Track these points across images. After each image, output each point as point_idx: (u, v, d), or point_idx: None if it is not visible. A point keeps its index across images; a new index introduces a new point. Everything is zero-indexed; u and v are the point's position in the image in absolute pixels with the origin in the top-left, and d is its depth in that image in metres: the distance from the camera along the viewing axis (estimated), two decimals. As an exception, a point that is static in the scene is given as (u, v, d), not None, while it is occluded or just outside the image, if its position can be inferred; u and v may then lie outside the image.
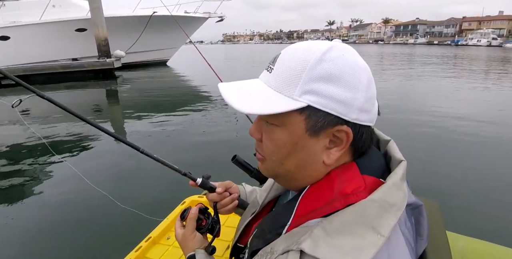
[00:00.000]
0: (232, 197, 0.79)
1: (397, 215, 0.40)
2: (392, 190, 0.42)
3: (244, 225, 0.66)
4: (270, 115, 0.45)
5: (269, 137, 0.49)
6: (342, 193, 0.43)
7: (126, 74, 13.28)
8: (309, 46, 0.45)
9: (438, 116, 5.55)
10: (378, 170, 0.47)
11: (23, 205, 2.83)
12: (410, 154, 3.20)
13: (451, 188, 2.88)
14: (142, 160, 1.14)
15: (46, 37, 12.53)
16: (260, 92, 0.46)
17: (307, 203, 0.46)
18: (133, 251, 1.17)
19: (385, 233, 0.38)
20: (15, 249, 2.17)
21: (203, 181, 0.78)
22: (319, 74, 0.42)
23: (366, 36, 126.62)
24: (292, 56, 0.45)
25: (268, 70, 0.48)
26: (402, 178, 0.45)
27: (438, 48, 44.37)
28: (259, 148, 0.52)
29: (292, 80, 0.44)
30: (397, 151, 0.51)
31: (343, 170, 0.46)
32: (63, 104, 0.90)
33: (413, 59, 20.72)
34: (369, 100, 0.45)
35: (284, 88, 0.44)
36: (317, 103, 0.43)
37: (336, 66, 0.43)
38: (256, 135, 0.51)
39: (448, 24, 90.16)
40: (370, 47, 56.24)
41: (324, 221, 0.41)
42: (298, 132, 0.45)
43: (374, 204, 0.40)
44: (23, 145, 4.45)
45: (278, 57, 0.47)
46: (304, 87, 0.43)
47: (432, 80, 10.06)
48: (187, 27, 15.64)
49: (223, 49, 61.08)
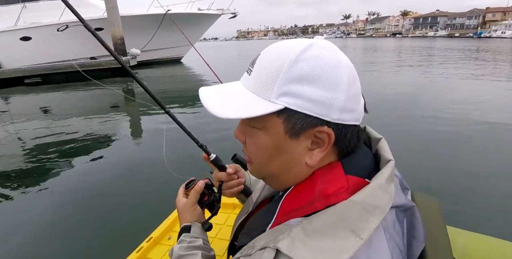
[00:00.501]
0: (239, 181, 0.79)
1: (379, 217, 0.39)
2: (376, 192, 0.41)
3: (239, 223, 0.66)
4: (251, 119, 0.45)
5: (251, 140, 0.49)
6: (323, 194, 0.42)
7: (141, 72, 13.53)
8: (287, 46, 0.44)
9: (445, 111, 5.38)
10: (364, 170, 0.46)
11: (22, 204, 2.84)
12: (412, 148, 3.14)
13: (451, 182, 2.82)
14: (146, 159, 1.16)
15: (65, 37, 12.91)
16: (239, 95, 0.46)
17: (290, 202, 0.46)
18: (134, 252, 1.17)
19: (364, 236, 0.37)
20: (14, 249, 2.17)
21: (216, 157, 0.77)
22: (296, 75, 0.41)
23: (383, 29, 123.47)
24: (269, 57, 0.44)
25: (248, 72, 0.47)
26: (389, 178, 0.43)
27: (459, 41, 42.61)
28: (245, 150, 0.52)
29: (269, 82, 0.43)
30: (387, 150, 0.49)
31: (326, 170, 0.46)
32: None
33: (432, 53, 20.01)
34: (352, 98, 0.44)
35: (261, 91, 0.44)
36: (294, 105, 0.42)
37: (313, 66, 0.41)
38: (241, 138, 0.51)
39: (471, 15, 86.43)
40: (387, 41, 54.76)
41: (304, 221, 0.41)
42: (278, 135, 0.45)
43: (356, 206, 0.39)
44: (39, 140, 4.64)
45: (257, 58, 0.46)
46: (281, 89, 0.42)
47: (451, 76, 9.70)
48: (201, 24, 15.78)
49: (237, 45, 61.00)
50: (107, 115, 6.32)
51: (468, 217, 2.18)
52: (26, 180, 3.37)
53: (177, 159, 3.23)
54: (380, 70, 11.36)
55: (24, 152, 4.27)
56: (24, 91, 9.93)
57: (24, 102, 8.59)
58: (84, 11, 13.25)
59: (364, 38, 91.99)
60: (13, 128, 5.79)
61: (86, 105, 7.91)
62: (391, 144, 0.51)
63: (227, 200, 1.39)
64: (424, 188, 2.38)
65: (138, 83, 0.95)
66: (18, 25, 12.82)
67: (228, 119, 0.44)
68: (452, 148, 3.67)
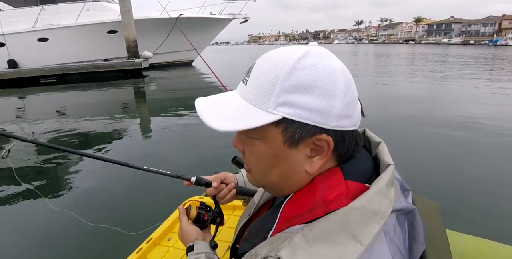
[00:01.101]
0: (228, 188, 0.80)
1: (380, 223, 0.39)
2: (376, 197, 0.41)
3: (241, 226, 0.66)
4: (248, 129, 0.44)
5: (250, 150, 0.49)
6: (324, 200, 0.42)
7: (153, 74, 13.75)
8: (282, 54, 0.44)
9: (446, 115, 5.34)
10: (364, 175, 0.46)
11: (22, 203, 2.86)
12: (413, 152, 3.11)
13: (451, 185, 2.79)
14: (147, 159, 1.17)
15: (81, 38, 13.30)
16: (236, 106, 0.45)
17: (290, 209, 0.46)
18: (134, 253, 1.16)
19: (365, 242, 0.37)
20: (12, 249, 2.18)
21: (197, 179, 0.80)
22: (292, 85, 0.41)
23: (396, 36, 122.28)
24: (265, 67, 0.44)
25: (243, 82, 0.46)
26: (389, 183, 0.43)
27: (474, 49, 41.81)
28: (244, 159, 0.52)
29: (265, 92, 0.42)
30: (387, 154, 0.49)
31: (326, 176, 0.46)
32: (46, 143, 0.95)
33: (446, 60, 19.71)
34: (349, 105, 0.43)
35: (258, 101, 0.43)
36: (292, 115, 0.42)
37: (310, 75, 0.41)
38: (239, 147, 0.51)
39: (486, 22, 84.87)
40: (399, 48, 54.12)
41: (305, 228, 0.41)
42: (277, 144, 0.45)
43: (356, 212, 0.39)
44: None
45: (253, 67, 0.46)
46: (278, 99, 0.42)
47: (465, 84, 9.53)
48: (212, 28, 15.98)
49: (247, 50, 61.24)
50: (116, 115, 6.44)
51: (467, 220, 2.17)
52: (29, 178, 3.42)
53: (182, 162, 3.24)
54: (391, 77, 11.27)
55: (35, 149, 4.39)
56: (40, 90, 10.21)
57: (40, 101, 8.83)
58: (100, 14, 13.67)
59: (376, 44, 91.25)
60: (28, 126, 5.98)
61: (97, 105, 8.08)
62: (394, 147, 0.52)
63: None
64: (424, 190, 2.37)
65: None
66: (36, 27, 13.26)
67: (226, 131, 0.43)
68: (453, 152, 3.64)
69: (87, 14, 13.27)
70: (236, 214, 1.41)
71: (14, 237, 2.35)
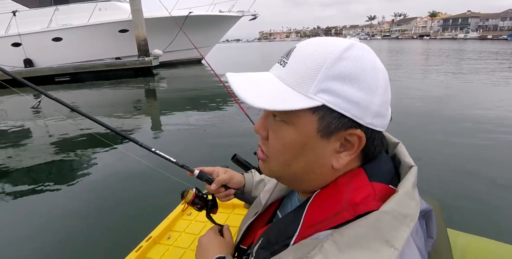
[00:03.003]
0: (226, 193, 0.80)
1: (410, 226, 0.38)
2: (405, 200, 0.40)
3: (246, 226, 0.65)
4: (282, 112, 0.43)
5: (276, 135, 0.45)
6: (351, 203, 0.41)
7: (163, 72, 13.92)
8: (328, 42, 0.43)
9: (450, 113, 5.23)
10: (387, 176, 0.45)
11: (22, 202, 2.90)
12: (414, 151, 3.10)
13: (452, 184, 2.76)
14: (145, 159, 1.18)
15: (93, 38, 13.56)
16: (273, 86, 0.43)
17: (314, 213, 0.44)
18: (133, 251, 1.16)
19: (398, 246, 0.36)
20: (13, 247, 2.19)
21: (200, 173, 0.80)
22: (337, 73, 0.40)
23: (410, 31, 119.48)
24: (309, 51, 0.42)
25: (280, 63, 0.45)
26: (414, 185, 0.42)
27: (492, 44, 40.44)
28: (263, 145, 0.48)
29: (307, 77, 0.41)
30: (407, 155, 0.48)
31: (351, 177, 0.44)
32: (70, 104, 1.01)
33: (462, 56, 19.13)
34: (385, 104, 0.43)
35: (298, 84, 0.42)
36: (332, 103, 0.41)
37: (356, 66, 0.40)
38: (262, 132, 0.48)
39: (505, 16, 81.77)
40: (413, 43, 52.89)
41: (334, 234, 0.39)
42: (309, 132, 0.43)
43: (387, 216, 0.38)
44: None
45: (293, 50, 0.44)
46: (320, 85, 0.40)
47: (483, 81, 9.22)
48: (221, 26, 16.01)
49: (258, 47, 61.04)
50: (128, 113, 6.56)
51: (467, 219, 2.15)
52: (35, 176, 3.48)
53: (190, 159, 3.28)
54: (405, 73, 11.04)
55: (42, 149, 4.47)
56: (55, 89, 10.49)
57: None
58: (112, 14, 13.89)
59: (389, 40, 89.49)
60: (43, 122, 6.16)
61: (109, 103, 8.24)
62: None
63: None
64: (424, 190, 2.33)
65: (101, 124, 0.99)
66: (50, 27, 13.59)
67: (262, 109, 0.41)
68: (455, 151, 3.57)
69: (99, 14, 13.50)
70: (236, 212, 1.41)
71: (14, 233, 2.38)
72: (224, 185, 0.80)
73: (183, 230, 1.32)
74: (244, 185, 0.82)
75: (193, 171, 0.80)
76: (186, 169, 0.82)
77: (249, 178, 0.84)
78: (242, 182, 0.82)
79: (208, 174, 0.80)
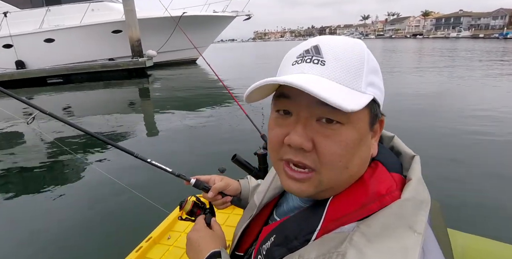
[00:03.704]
0: (223, 201, 0.81)
1: (426, 210, 0.41)
2: (419, 186, 0.43)
3: (241, 230, 0.64)
4: (335, 112, 0.39)
5: (334, 140, 0.41)
6: (378, 194, 0.41)
7: (157, 72, 13.83)
8: (349, 39, 0.44)
9: (449, 111, 5.27)
10: (398, 166, 0.47)
11: (23, 202, 2.89)
12: (413, 150, 3.11)
13: (452, 184, 2.77)
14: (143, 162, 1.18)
15: (86, 39, 13.45)
16: (333, 86, 0.39)
17: (338, 207, 0.43)
18: (133, 251, 1.17)
19: (421, 230, 0.38)
20: (12, 248, 2.19)
21: (196, 182, 0.81)
22: (372, 66, 0.43)
23: (403, 30, 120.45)
24: (344, 48, 0.42)
25: (315, 62, 0.41)
26: (420, 173, 0.46)
27: (484, 42, 40.90)
28: (306, 159, 0.42)
29: (356, 72, 0.41)
30: (405, 146, 0.51)
31: (371, 170, 0.45)
32: (64, 119, 1.02)
33: (455, 55, 19.33)
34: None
35: (350, 81, 0.40)
36: (377, 95, 0.43)
37: (375, 60, 0.45)
38: (307, 144, 0.41)
39: (496, 15, 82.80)
40: (407, 42, 53.32)
41: (361, 226, 0.39)
42: (364, 128, 0.42)
43: (409, 203, 0.40)
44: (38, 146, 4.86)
45: (322, 48, 0.42)
46: (367, 79, 0.42)
47: (475, 79, 9.33)
48: (215, 26, 15.97)
49: (253, 47, 60.93)
50: (121, 115, 6.52)
51: (467, 219, 2.16)
52: (33, 178, 3.47)
53: (185, 160, 3.26)
54: (398, 73, 11.13)
55: (41, 149, 4.46)
56: (47, 90, 10.39)
57: (47, 101, 8.97)
58: (105, 14, 13.78)
59: (383, 39, 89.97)
60: (36, 124, 6.08)
61: (103, 105, 8.17)
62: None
63: None
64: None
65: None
66: (42, 28, 13.44)
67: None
68: (455, 150, 3.59)
69: (92, 14, 13.39)
70: (236, 212, 1.41)
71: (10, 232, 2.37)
72: (221, 192, 0.81)
73: (183, 230, 1.33)
74: (241, 191, 0.83)
75: (190, 180, 0.82)
76: (182, 178, 0.83)
77: (245, 185, 0.85)
78: (239, 189, 0.83)
79: (204, 182, 0.81)
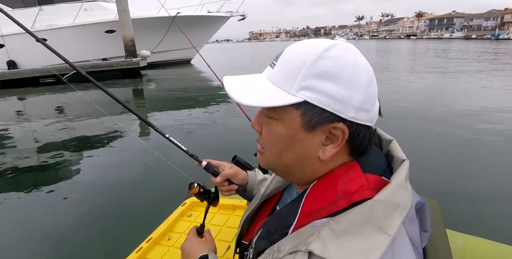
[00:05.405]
0: (229, 188, 0.84)
1: (402, 214, 0.41)
2: (398, 190, 0.43)
3: (246, 217, 0.68)
4: (269, 109, 0.48)
5: (267, 129, 0.50)
6: (346, 192, 0.43)
7: (151, 73, 13.77)
8: (311, 44, 0.46)
9: (446, 112, 5.31)
10: (380, 169, 0.48)
11: (22, 202, 2.89)
12: (412, 150, 3.07)
13: (451, 184, 2.79)
14: (148, 161, 1.19)
15: (79, 38, 13.32)
16: (261, 86, 0.48)
17: (311, 203, 0.47)
18: (133, 252, 1.17)
19: (391, 233, 0.39)
20: (12, 248, 2.20)
21: (207, 165, 0.84)
22: (318, 71, 0.44)
23: (397, 31, 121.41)
24: (293, 53, 0.47)
25: (271, 66, 0.50)
26: (406, 177, 0.45)
27: (476, 43, 41.40)
28: (260, 140, 0.54)
29: (291, 76, 0.45)
30: (400, 151, 0.51)
31: (346, 170, 0.47)
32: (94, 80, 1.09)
33: (448, 56, 19.54)
34: (368, 99, 0.46)
35: (283, 83, 0.46)
36: (313, 99, 0.44)
37: (335, 64, 0.44)
38: (257, 127, 0.53)
39: (488, 16, 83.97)
40: (401, 43, 53.75)
41: (331, 221, 0.41)
42: (294, 126, 0.46)
43: (381, 204, 0.40)
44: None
45: (281, 53, 0.49)
46: (302, 83, 0.44)
47: (467, 80, 9.44)
48: (210, 26, 15.94)
49: (249, 48, 60.91)
50: (116, 115, 6.46)
51: (467, 220, 2.17)
52: (31, 179, 3.45)
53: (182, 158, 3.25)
54: (392, 73, 11.21)
55: (36, 150, 4.42)
56: (40, 91, 10.28)
57: (39, 101, 8.90)
58: (98, 14, 13.67)
59: (377, 40, 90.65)
60: (28, 125, 6.02)
61: (96, 104, 8.09)
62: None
63: (227, 201, 1.41)
64: (424, 189, 2.37)
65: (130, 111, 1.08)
66: (34, 28, 13.26)
67: (249, 106, 0.46)
68: (454, 150, 3.62)
69: (85, 14, 13.27)
70: (236, 213, 1.41)
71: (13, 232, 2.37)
72: (229, 179, 0.84)
73: (183, 231, 1.32)
74: (247, 182, 0.87)
75: (201, 161, 0.85)
76: (194, 159, 0.87)
77: (252, 176, 0.89)
78: (246, 179, 0.87)
79: (214, 166, 0.85)
